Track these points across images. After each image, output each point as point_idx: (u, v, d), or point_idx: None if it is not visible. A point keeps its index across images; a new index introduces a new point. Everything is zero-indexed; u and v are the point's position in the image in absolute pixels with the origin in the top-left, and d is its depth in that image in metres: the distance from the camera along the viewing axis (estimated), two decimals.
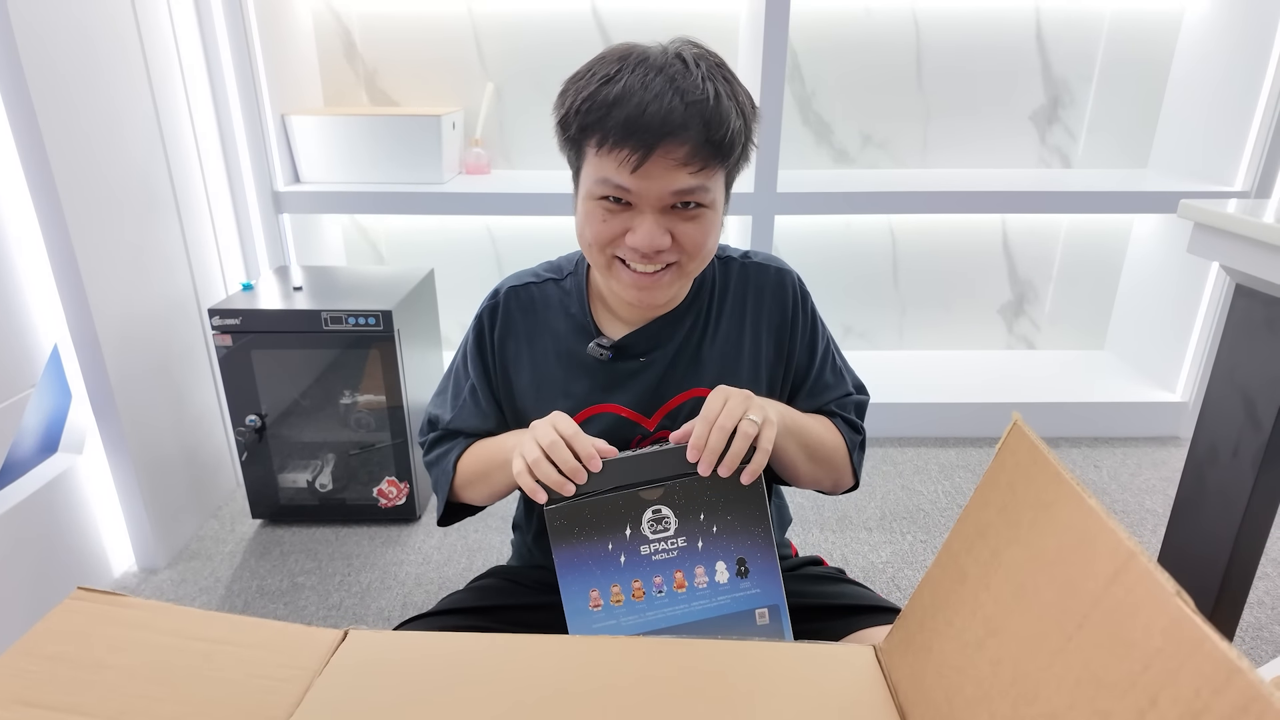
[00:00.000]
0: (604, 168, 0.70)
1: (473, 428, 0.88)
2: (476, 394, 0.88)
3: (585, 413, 0.84)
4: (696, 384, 0.84)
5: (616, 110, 0.67)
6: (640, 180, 0.69)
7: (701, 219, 0.73)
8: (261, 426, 1.63)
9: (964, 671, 0.49)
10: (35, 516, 1.35)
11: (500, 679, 0.58)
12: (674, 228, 0.72)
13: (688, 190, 0.70)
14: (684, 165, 0.69)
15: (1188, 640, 0.33)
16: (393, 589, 1.53)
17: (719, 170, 0.72)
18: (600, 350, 0.83)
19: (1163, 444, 2.05)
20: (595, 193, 0.72)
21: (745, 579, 0.71)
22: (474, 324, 0.88)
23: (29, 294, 1.33)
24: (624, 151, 0.68)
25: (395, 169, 1.86)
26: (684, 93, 0.67)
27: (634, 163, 0.68)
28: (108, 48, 1.41)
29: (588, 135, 0.70)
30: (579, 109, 0.70)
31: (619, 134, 0.68)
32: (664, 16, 1.98)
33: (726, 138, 0.69)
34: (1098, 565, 0.40)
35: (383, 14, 1.98)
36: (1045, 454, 0.49)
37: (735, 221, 1.99)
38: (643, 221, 0.71)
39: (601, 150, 0.70)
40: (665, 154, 0.68)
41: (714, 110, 0.68)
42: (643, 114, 0.67)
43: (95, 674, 0.55)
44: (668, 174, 0.69)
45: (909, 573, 1.56)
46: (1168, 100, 2.05)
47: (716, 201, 0.74)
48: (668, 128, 0.67)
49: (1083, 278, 2.27)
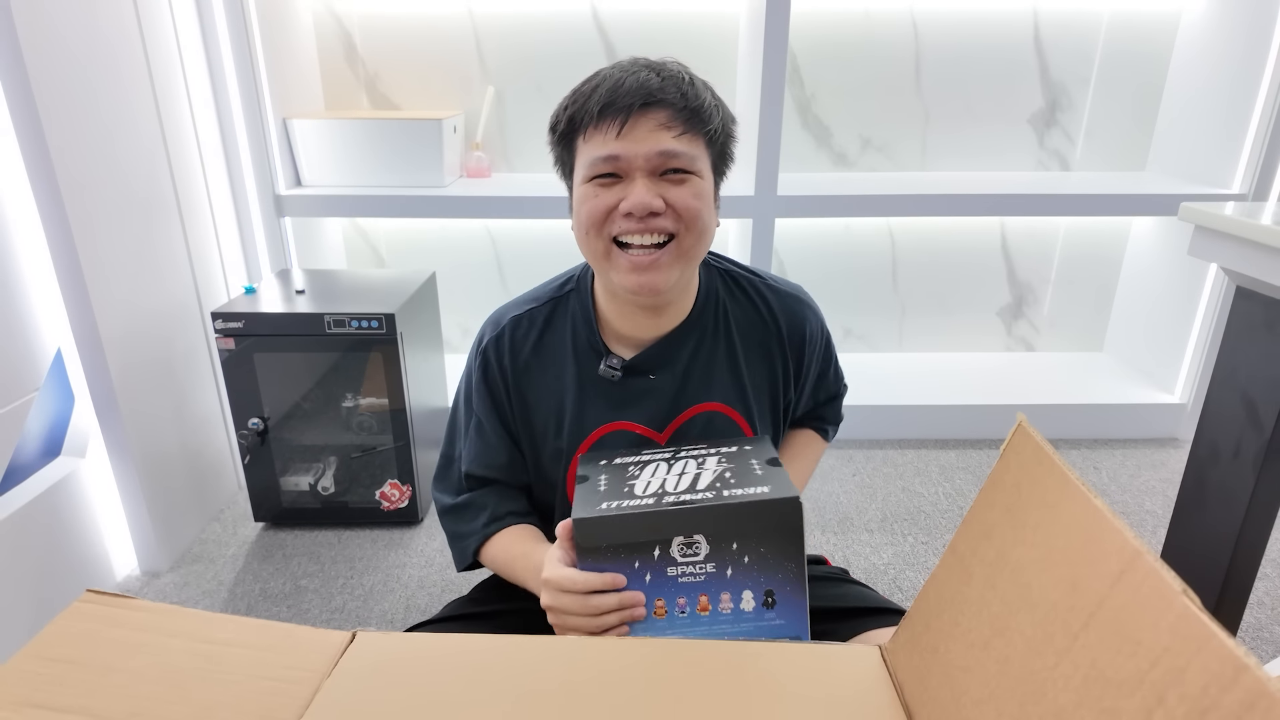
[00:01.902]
0: (592, 147, 0.74)
1: (483, 466, 0.88)
2: (483, 428, 0.88)
3: (599, 431, 0.85)
4: (706, 399, 0.85)
5: (596, 93, 0.73)
6: (626, 143, 0.72)
7: (690, 183, 0.75)
8: (264, 429, 1.63)
9: (970, 671, 0.50)
10: (39, 520, 1.35)
11: (509, 680, 0.58)
12: (665, 192, 0.74)
13: (673, 154, 0.73)
14: (666, 128, 0.73)
15: (1195, 637, 0.34)
16: (396, 592, 1.53)
17: (699, 138, 0.75)
18: (612, 372, 0.83)
19: (1161, 445, 2.06)
20: (587, 175, 0.75)
21: (771, 609, 0.69)
22: (477, 359, 0.87)
23: (33, 298, 1.33)
24: (607, 121, 0.72)
25: (396, 172, 1.87)
26: (659, 70, 0.74)
27: (618, 127, 0.72)
28: (111, 52, 1.41)
29: (576, 125, 0.75)
30: (566, 107, 0.76)
31: (601, 108, 0.72)
32: (665, 19, 1.98)
33: (703, 106, 0.74)
34: (1104, 564, 0.41)
35: (384, 17, 1.98)
36: (1050, 454, 0.49)
37: (736, 224, 2.00)
38: (634, 186, 0.74)
39: (588, 131, 0.74)
40: (646, 116, 0.72)
41: (689, 85, 0.74)
42: (621, 86, 0.72)
43: (104, 676, 0.56)
44: (651, 135, 0.73)
45: (910, 574, 1.57)
46: (1165, 103, 2.06)
47: (704, 172, 0.77)
48: (645, 93, 0.72)
49: (1081, 280, 2.27)
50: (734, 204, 1.83)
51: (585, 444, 0.85)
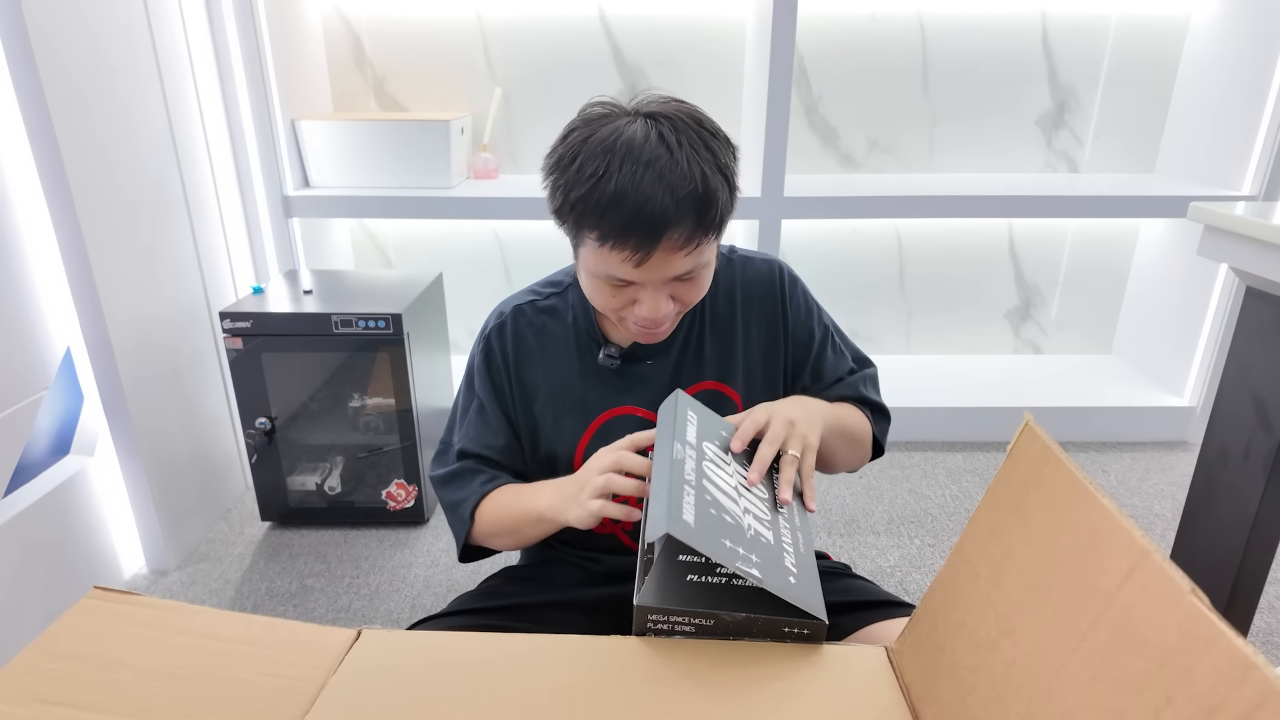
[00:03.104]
0: (607, 262, 0.74)
1: (481, 445, 0.88)
2: (484, 410, 0.89)
3: (603, 416, 0.87)
4: (701, 378, 0.89)
5: (612, 213, 0.70)
6: (644, 272, 0.73)
7: (699, 280, 0.78)
8: (271, 429, 1.63)
9: (977, 671, 0.49)
10: (47, 518, 1.36)
11: (514, 679, 0.58)
12: (675, 292, 0.77)
13: (686, 272, 0.75)
14: (681, 250, 0.73)
15: (1203, 637, 0.33)
16: (401, 591, 1.53)
17: (714, 240, 0.77)
18: (611, 360, 0.87)
19: (1170, 449, 2.05)
20: (599, 275, 0.76)
21: None
22: (480, 346, 0.89)
23: (42, 297, 1.34)
24: (626, 251, 0.71)
25: (404, 174, 1.87)
26: (674, 188, 0.70)
27: (637, 260, 0.72)
28: (121, 54, 1.42)
29: (586, 230, 0.73)
30: (574, 206, 0.72)
31: (618, 236, 0.71)
32: (671, 23, 1.98)
33: (717, 216, 0.74)
34: (1112, 563, 0.40)
35: (392, 20, 1.99)
36: (1057, 454, 0.49)
37: (742, 225, 2.00)
38: (647, 295, 0.76)
39: (603, 247, 0.73)
40: (665, 246, 0.72)
41: (702, 196, 0.71)
42: (639, 214, 0.69)
43: (112, 673, 0.56)
44: (667, 260, 0.73)
45: (917, 576, 1.56)
46: (1174, 105, 2.05)
47: (711, 260, 0.79)
48: (665, 224, 0.70)
49: (1089, 282, 2.26)
50: (740, 205, 1.79)
51: (591, 428, 0.87)
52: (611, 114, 0.74)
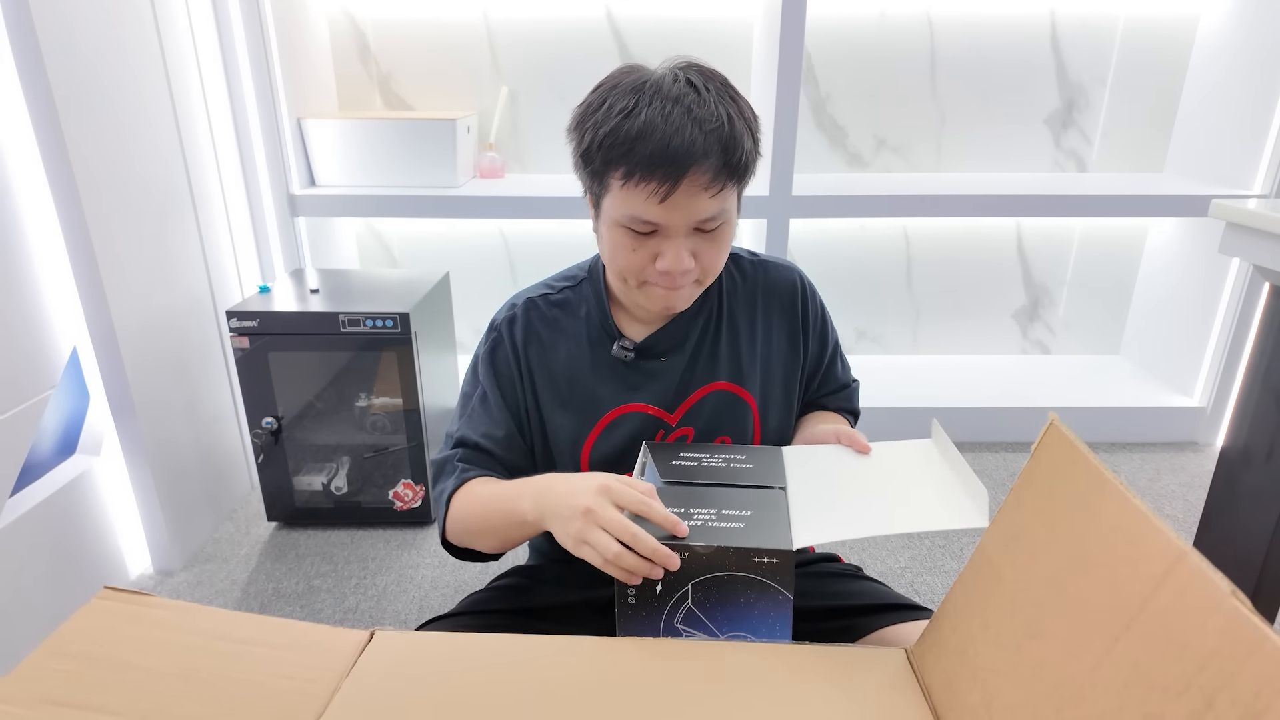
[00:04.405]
0: (632, 201, 0.74)
1: (479, 434, 0.87)
2: (487, 400, 0.88)
3: (613, 412, 0.86)
4: (714, 378, 0.88)
5: (640, 144, 0.71)
6: (667, 211, 0.73)
7: (721, 236, 0.78)
8: (277, 429, 1.63)
9: (1002, 674, 0.49)
10: (53, 518, 1.35)
11: (530, 680, 0.57)
12: (697, 248, 0.77)
13: (710, 216, 0.75)
14: (706, 190, 0.73)
15: (1246, 640, 0.33)
16: (409, 592, 1.52)
17: (735, 189, 0.77)
18: (624, 352, 0.86)
19: (1180, 449, 2.03)
20: (622, 222, 0.76)
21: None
22: (488, 337, 0.89)
23: (49, 296, 1.33)
24: (652, 184, 0.72)
25: (410, 173, 1.87)
26: (701, 122, 0.71)
27: (663, 193, 0.72)
28: (128, 53, 1.42)
29: (613, 168, 0.74)
30: (602, 144, 0.73)
31: (646, 167, 0.71)
32: (679, 22, 1.98)
33: (742, 160, 0.74)
34: (1146, 565, 0.39)
35: (397, 18, 1.99)
36: (1085, 454, 0.48)
37: (750, 225, 1.99)
38: (670, 246, 0.76)
39: (629, 183, 0.73)
40: (690, 182, 0.72)
41: (730, 135, 0.73)
42: (667, 147, 0.70)
43: (122, 674, 0.55)
44: (692, 201, 0.73)
45: (928, 577, 1.55)
46: (1184, 103, 2.03)
47: (732, 216, 0.79)
48: (691, 158, 0.71)
49: (1098, 282, 2.25)
50: (749, 204, 1.81)
51: (599, 425, 0.86)
52: (638, 68, 0.76)
